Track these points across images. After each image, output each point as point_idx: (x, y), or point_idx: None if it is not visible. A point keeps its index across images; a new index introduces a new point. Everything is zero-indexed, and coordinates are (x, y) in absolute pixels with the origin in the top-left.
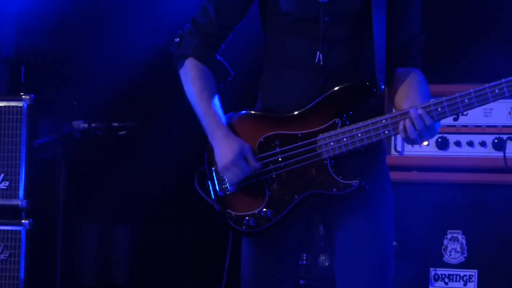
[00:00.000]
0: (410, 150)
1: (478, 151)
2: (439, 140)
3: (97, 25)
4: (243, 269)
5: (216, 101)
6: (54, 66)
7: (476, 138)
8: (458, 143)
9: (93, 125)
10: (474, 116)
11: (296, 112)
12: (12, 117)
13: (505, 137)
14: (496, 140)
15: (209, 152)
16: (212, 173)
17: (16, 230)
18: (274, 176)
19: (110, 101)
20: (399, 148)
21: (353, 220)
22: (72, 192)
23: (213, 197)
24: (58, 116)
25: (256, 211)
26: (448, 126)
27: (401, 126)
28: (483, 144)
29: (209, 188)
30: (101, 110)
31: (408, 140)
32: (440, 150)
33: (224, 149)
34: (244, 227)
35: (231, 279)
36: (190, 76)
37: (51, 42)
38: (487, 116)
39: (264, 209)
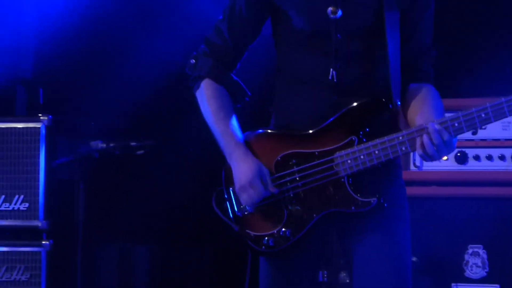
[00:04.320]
0: (429, 165)
1: (497, 165)
2: (458, 154)
3: (113, 45)
4: None
5: (233, 120)
6: (71, 87)
7: (495, 152)
8: (477, 157)
9: (111, 144)
10: (492, 130)
11: (312, 130)
12: (30, 138)
13: None
14: None
15: (227, 172)
16: (230, 193)
17: (36, 251)
18: (292, 195)
19: (128, 121)
20: (418, 163)
21: (371, 237)
22: (92, 212)
23: (231, 217)
24: (76, 136)
25: (275, 231)
26: (466, 140)
27: (418, 142)
28: (502, 157)
29: (227, 208)
30: (119, 129)
31: (426, 156)
32: (459, 165)
33: (243, 169)
34: (263, 247)
35: None
36: (206, 97)
37: (68, 63)
38: (506, 129)
39: (283, 229)
